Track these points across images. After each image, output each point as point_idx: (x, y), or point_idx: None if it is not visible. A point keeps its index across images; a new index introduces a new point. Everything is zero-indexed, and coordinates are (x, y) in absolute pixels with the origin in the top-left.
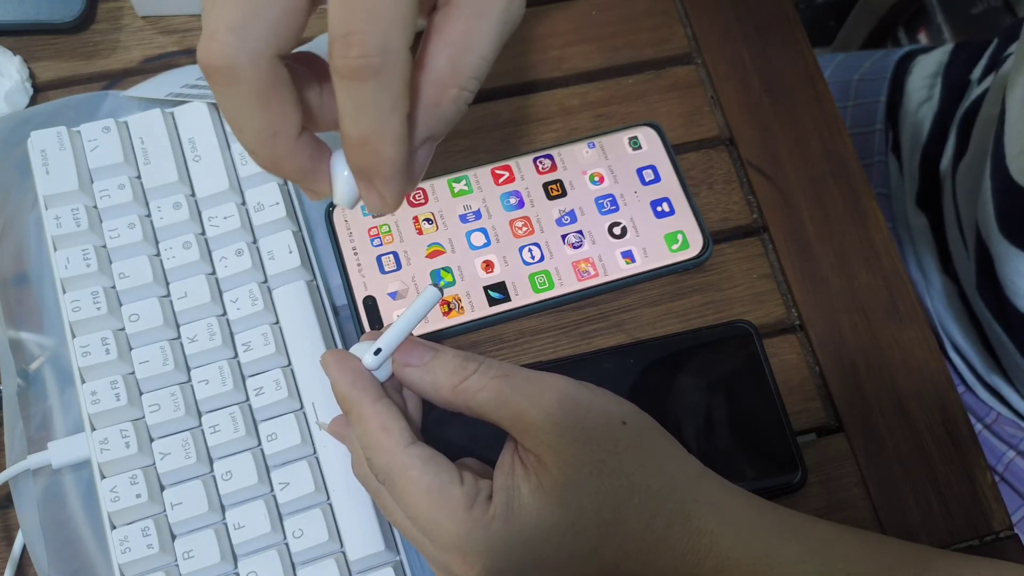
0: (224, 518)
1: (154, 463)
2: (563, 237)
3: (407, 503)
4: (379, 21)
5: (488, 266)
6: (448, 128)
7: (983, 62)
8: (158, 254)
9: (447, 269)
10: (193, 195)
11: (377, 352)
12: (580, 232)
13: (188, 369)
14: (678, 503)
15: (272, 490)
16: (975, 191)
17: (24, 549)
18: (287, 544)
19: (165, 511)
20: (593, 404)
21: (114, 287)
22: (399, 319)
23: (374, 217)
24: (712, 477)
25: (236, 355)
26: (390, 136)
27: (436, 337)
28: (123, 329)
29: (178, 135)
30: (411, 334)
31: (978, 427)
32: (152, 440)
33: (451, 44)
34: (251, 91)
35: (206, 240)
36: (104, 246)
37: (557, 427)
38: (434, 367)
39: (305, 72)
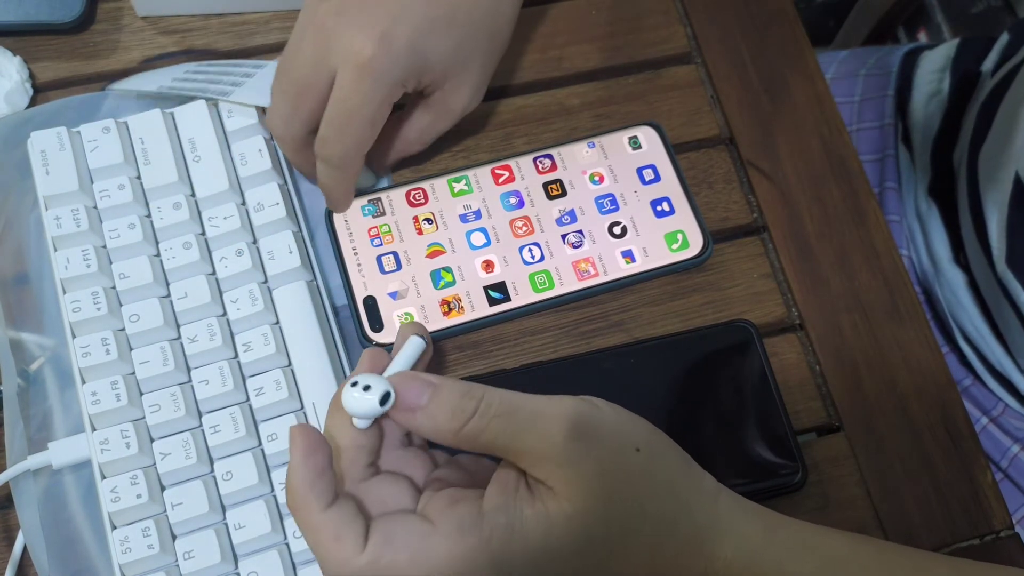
0: (225, 518)
1: (154, 463)
2: (563, 237)
3: None
4: (342, 142)
5: (488, 266)
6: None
7: (993, 55)
8: (158, 254)
9: (447, 269)
10: (193, 195)
11: (383, 398)
12: (580, 232)
13: (188, 369)
14: (690, 530)
15: (273, 490)
16: (1003, 167)
17: (25, 549)
18: (288, 544)
19: (166, 511)
20: (604, 430)
21: (114, 287)
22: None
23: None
24: (726, 498)
25: (236, 355)
26: (337, 190)
27: (437, 337)
28: (123, 329)
29: (178, 135)
30: (407, 369)
31: (983, 421)
32: (152, 440)
33: (421, 124)
34: (290, 148)
35: (206, 240)
36: (104, 246)
37: (568, 460)
38: (432, 411)
39: None
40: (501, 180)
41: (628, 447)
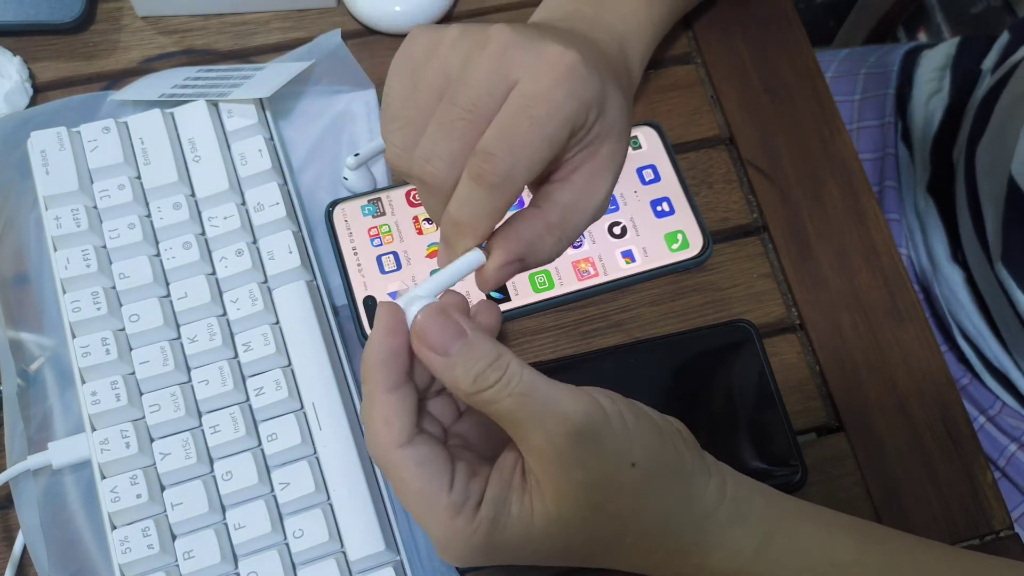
0: (224, 518)
1: (154, 463)
2: None
3: (399, 495)
4: (514, 158)
5: None
6: (535, 263)
7: (993, 54)
8: (158, 254)
9: None
10: (193, 195)
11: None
12: None
13: (188, 369)
14: (674, 545)
15: (272, 490)
16: (998, 165)
17: (24, 549)
18: (287, 544)
19: (165, 511)
20: (605, 442)
21: (114, 287)
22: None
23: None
24: (725, 511)
25: (236, 355)
26: (475, 232)
27: None
28: (123, 329)
29: (178, 135)
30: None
31: (981, 420)
32: (152, 440)
33: (566, 204)
34: (445, 198)
35: (206, 240)
36: (104, 246)
37: (562, 463)
38: (455, 365)
39: None
40: None
41: (624, 462)
